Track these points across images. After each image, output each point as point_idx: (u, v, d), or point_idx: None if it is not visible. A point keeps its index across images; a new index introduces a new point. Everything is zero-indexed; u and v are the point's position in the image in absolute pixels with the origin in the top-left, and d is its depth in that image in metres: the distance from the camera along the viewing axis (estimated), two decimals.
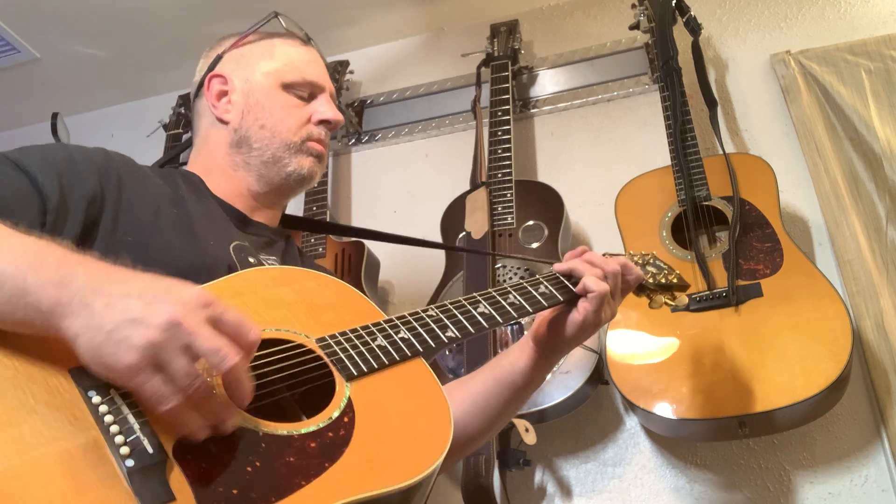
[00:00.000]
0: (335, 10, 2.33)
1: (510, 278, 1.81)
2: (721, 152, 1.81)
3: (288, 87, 1.12)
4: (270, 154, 1.09)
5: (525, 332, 1.35)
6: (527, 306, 0.98)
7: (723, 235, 1.70)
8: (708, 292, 1.60)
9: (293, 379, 0.78)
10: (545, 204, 1.90)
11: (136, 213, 0.93)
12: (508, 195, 1.90)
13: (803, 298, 1.54)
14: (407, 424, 0.77)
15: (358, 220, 2.32)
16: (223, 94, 1.13)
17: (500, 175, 1.93)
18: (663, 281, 1.19)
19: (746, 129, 2.04)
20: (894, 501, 1.59)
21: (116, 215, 0.91)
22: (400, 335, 0.85)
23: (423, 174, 2.32)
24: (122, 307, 0.64)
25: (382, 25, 2.45)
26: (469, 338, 0.91)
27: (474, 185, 1.98)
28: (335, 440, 0.71)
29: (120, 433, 0.64)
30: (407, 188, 2.31)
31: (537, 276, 1.04)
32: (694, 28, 1.96)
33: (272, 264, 1.05)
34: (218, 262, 0.95)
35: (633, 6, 2.08)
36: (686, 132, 1.81)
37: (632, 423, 1.82)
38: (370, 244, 2.06)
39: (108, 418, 0.64)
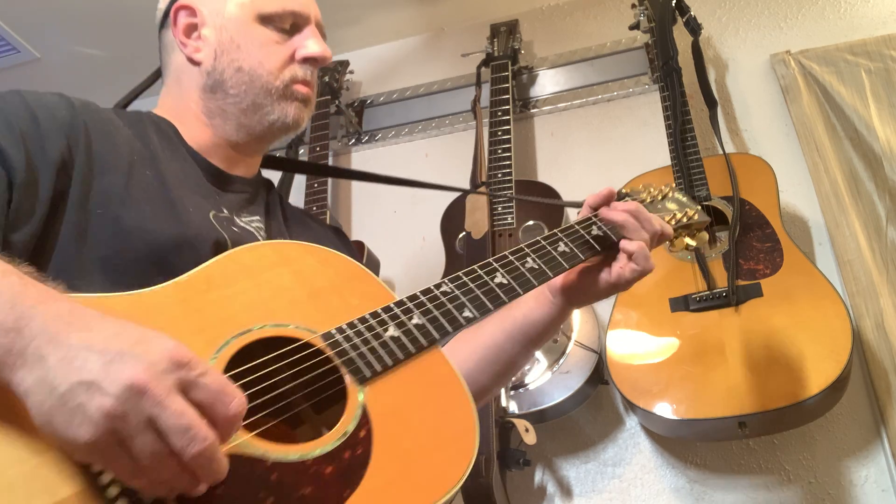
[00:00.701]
0: (335, 10, 2.33)
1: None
2: (721, 152, 1.81)
3: (266, 19, 0.96)
4: (250, 101, 0.96)
5: None
6: (548, 271, 0.90)
7: (723, 235, 1.70)
8: (708, 292, 1.60)
9: (305, 387, 0.71)
10: (545, 204, 1.90)
11: (106, 180, 0.82)
12: (508, 195, 1.90)
13: (803, 298, 1.53)
14: (428, 432, 0.71)
15: (358, 220, 2.32)
16: (192, 27, 0.98)
17: (500, 175, 1.93)
18: (685, 220, 1.08)
19: (746, 129, 2.04)
20: (894, 501, 1.59)
21: (87, 182, 0.80)
22: (413, 321, 0.77)
23: (423, 174, 2.29)
24: (79, 363, 0.53)
25: (382, 25, 2.46)
26: (487, 315, 0.82)
27: (474, 185, 1.98)
28: (353, 461, 0.65)
29: (113, 482, 0.55)
30: (407, 188, 2.31)
31: (556, 232, 0.95)
32: (694, 28, 1.96)
33: (256, 226, 0.97)
34: (201, 234, 0.85)
35: (633, 6, 2.08)
36: (686, 132, 1.81)
37: (632, 423, 1.82)
38: (370, 245, 2.06)
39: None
